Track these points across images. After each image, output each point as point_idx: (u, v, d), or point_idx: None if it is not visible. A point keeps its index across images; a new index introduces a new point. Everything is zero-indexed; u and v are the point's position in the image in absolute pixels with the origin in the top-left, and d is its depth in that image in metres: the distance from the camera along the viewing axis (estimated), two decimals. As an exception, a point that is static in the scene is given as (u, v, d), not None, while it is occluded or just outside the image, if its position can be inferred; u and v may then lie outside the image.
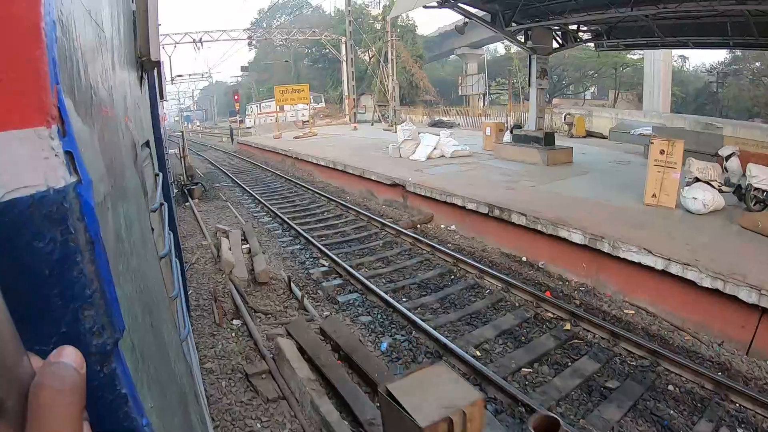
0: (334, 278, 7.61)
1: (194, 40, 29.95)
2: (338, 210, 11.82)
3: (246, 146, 28.76)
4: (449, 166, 12.96)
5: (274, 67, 61.95)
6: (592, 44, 15.18)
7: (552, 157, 12.75)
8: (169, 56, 28.92)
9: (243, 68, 50.49)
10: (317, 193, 13.59)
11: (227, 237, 9.02)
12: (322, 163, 16.01)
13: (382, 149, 16.92)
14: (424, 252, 8.61)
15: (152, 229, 1.86)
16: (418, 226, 10.09)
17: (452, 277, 7.57)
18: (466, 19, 12.85)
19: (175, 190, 12.83)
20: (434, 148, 14.18)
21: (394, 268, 7.92)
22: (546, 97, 13.50)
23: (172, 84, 34.79)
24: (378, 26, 40.31)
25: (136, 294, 0.97)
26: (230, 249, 8.22)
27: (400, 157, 14.65)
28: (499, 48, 51.65)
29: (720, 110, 31.35)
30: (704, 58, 39.00)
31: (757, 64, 31.07)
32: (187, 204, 12.96)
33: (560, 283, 7.26)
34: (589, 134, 21.04)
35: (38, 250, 0.52)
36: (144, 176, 1.92)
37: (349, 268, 7.59)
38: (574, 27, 13.59)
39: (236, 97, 34.28)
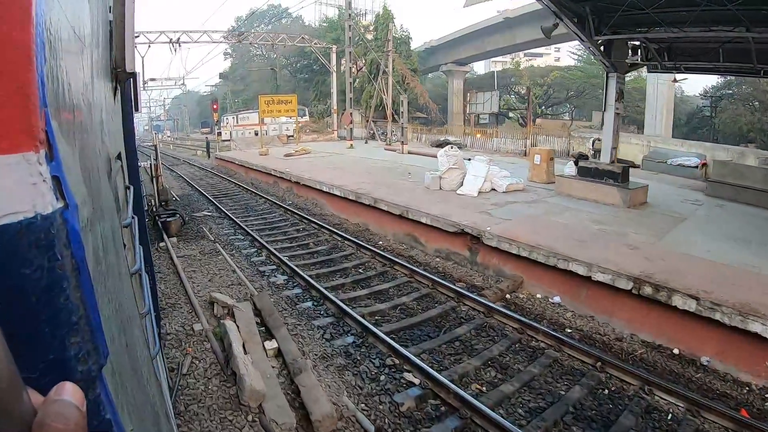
0: (442, 414, 4.48)
1: (171, 40, 26.33)
2: (379, 264, 8.64)
3: (226, 162, 25.14)
4: (516, 206, 10.06)
5: (250, 77, 58.91)
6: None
7: (633, 196, 10.29)
8: (142, 57, 25.14)
9: (222, 75, 47.14)
10: (336, 233, 10.44)
11: (233, 318, 5.86)
12: (337, 193, 12.65)
13: (407, 176, 14.12)
14: (542, 344, 5.73)
15: (124, 245, 1.82)
16: (507, 296, 7.19)
17: (606, 391, 4.90)
18: (557, 20, 10.27)
19: (147, 218, 9.89)
20: (485, 180, 11.33)
21: (520, 383, 4.94)
22: (618, 123, 11.03)
23: (144, 89, 30.91)
24: (370, 36, 37.74)
25: (113, 314, 0.97)
26: (244, 348, 5.06)
27: (440, 188, 11.68)
28: (477, 67, 51.12)
29: (714, 135, 30.33)
30: (696, 82, 39.07)
31: (747, 88, 30.77)
32: (162, 245, 9.55)
33: (737, 388, 5.08)
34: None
35: (26, 276, 0.51)
36: (117, 190, 1.87)
37: (464, 394, 4.47)
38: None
39: (215, 106, 30.52)
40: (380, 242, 10.08)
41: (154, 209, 11.62)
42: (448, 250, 8.94)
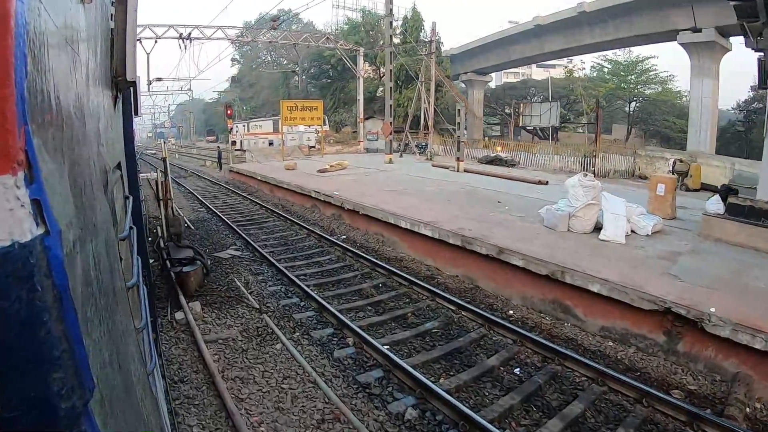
0: None
1: (181, 35, 24.39)
2: (536, 357, 5.75)
3: (243, 177, 22.52)
4: (684, 260, 7.38)
5: (259, 83, 57.47)
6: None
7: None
8: (147, 53, 23.26)
9: (234, 79, 46.45)
10: (443, 296, 7.42)
11: None
12: (426, 232, 9.43)
13: (498, 206, 11.45)
14: None
15: (121, 259, 1.79)
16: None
17: None
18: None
19: (152, 260, 8.06)
20: (627, 220, 8.74)
21: None
22: None
23: (148, 91, 29.55)
24: (397, 40, 35.81)
25: (105, 336, 0.94)
26: None
27: (569, 230, 8.93)
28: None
29: (747, 151, 29.49)
30: (726, 95, 38.53)
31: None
32: (179, 318, 6.52)
33: None
34: (704, 187, 16.58)
35: (3, 310, 0.50)
36: (114, 202, 1.85)
37: None
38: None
39: (229, 111, 28.80)
40: (510, 311, 7.20)
41: (163, 247, 8.80)
42: (625, 332, 6.18)
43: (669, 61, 36.98)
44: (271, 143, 36.31)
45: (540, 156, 23.07)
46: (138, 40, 19.77)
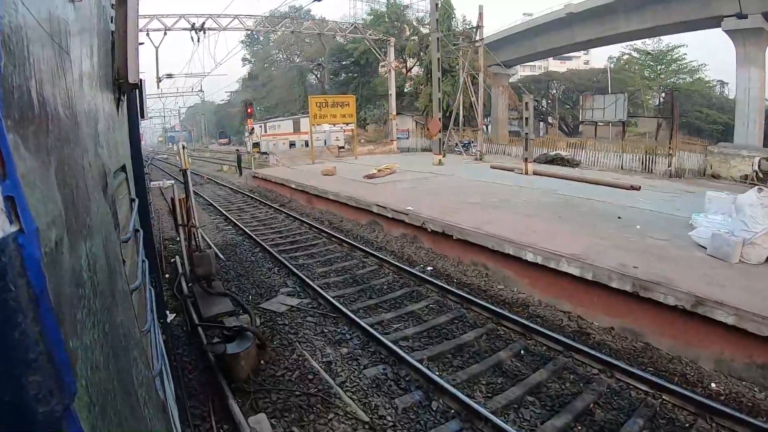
0: None
1: (193, 25, 24.13)
2: None
3: (271, 184, 21.30)
4: None
5: (272, 83, 58.92)
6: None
7: None
8: (156, 47, 23.29)
9: (251, 76, 47.26)
10: (660, 386, 5.32)
11: None
12: (573, 272, 7.32)
13: (617, 222, 9.76)
14: None
15: (123, 261, 1.89)
16: None
17: None
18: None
19: (171, 315, 7.05)
20: None
21: None
22: None
23: (158, 88, 29.79)
24: (425, 30, 36.02)
25: (100, 339, 0.98)
26: None
27: (741, 260, 7.39)
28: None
29: None
30: None
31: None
32: None
33: None
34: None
35: None
36: (116, 205, 1.97)
37: None
38: None
39: (249, 109, 28.84)
40: (712, 383, 5.61)
41: (187, 294, 7.41)
42: None
43: (696, 51, 37.43)
44: (292, 144, 36.72)
45: (602, 154, 22.52)
46: (145, 32, 19.58)
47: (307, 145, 33.80)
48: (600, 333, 6.69)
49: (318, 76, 54.01)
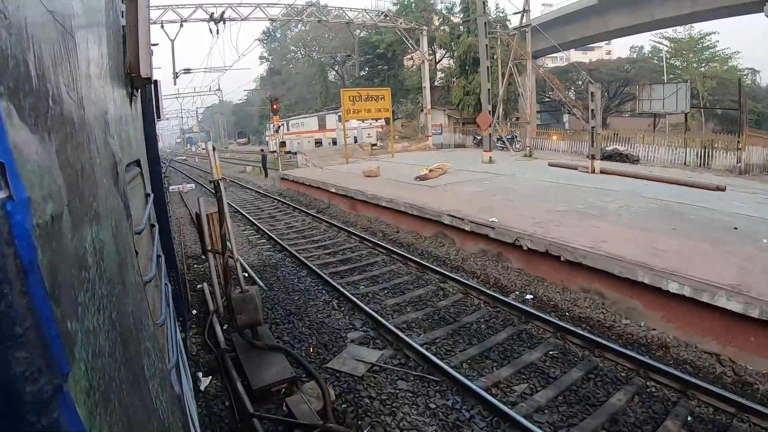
0: None
1: (211, 15, 23.77)
2: None
3: (302, 187, 20.55)
4: None
5: (291, 80, 60.32)
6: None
7: None
8: (172, 40, 23.12)
9: (273, 71, 47.82)
10: None
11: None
12: (738, 309, 5.96)
13: (754, 241, 8.15)
14: None
15: (136, 252, 1.99)
16: None
17: None
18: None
19: (206, 380, 5.61)
20: None
21: None
22: None
23: (174, 84, 29.30)
24: (456, 20, 36.12)
25: (106, 325, 1.02)
26: None
27: None
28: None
29: None
30: None
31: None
32: None
33: None
34: None
35: None
36: (128, 197, 2.05)
37: None
38: None
39: (275, 105, 27.95)
40: None
41: (225, 347, 6.19)
42: None
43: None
44: (318, 143, 36.91)
45: (663, 149, 22.01)
46: (160, 25, 19.91)
47: (334, 143, 34.14)
48: (764, 382, 5.53)
49: (339, 71, 55.24)
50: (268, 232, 13.20)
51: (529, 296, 8.05)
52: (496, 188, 14.11)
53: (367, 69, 46.43)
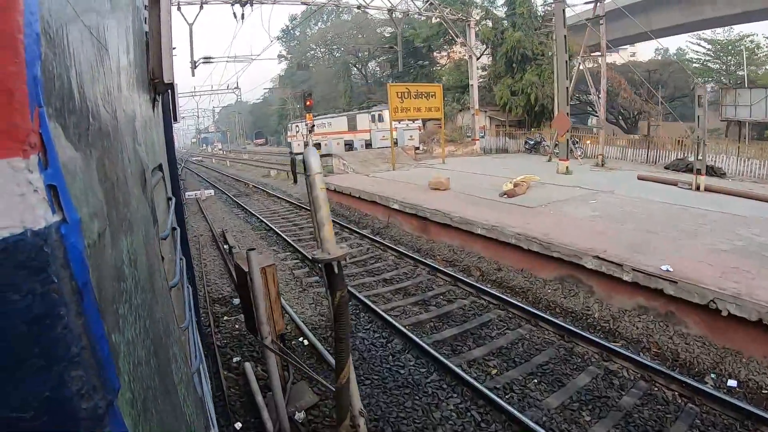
0: None
1: None
2: None
3: (344, 197, 18.99)
4: None
5: (313, 79, 61.64)
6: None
7: None
8: (190, 25, 21.98)
9: (301, 66, 48.43)
10: None
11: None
12: None
13: None
14: None
15: (162, 258, 2.10)
16: None
17: None
18: None
19: None
20: None
21: None
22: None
23: (192, 75, 29.87)
24: (500, 13, 35.84)
25: (141, 334, 1.10)
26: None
27: None
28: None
29: None
30: None
31: None
32: None
33: None
34: None
35: (13, 303, 0.55)
36: (155, 202, 2.20)
37: None
38: None
39: (309, 102, 27.58)
40: None
41: None
42: None
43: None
44: (348, 145, 36.84)
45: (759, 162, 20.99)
46: (176, 6, 19.33)
47: (367, 146, 34.24)
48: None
49: (362, 71, 57.10)
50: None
51: (731, 382, 6.27)
52: (614, 212, 12.04)
53: (395, 64, 46.88)
